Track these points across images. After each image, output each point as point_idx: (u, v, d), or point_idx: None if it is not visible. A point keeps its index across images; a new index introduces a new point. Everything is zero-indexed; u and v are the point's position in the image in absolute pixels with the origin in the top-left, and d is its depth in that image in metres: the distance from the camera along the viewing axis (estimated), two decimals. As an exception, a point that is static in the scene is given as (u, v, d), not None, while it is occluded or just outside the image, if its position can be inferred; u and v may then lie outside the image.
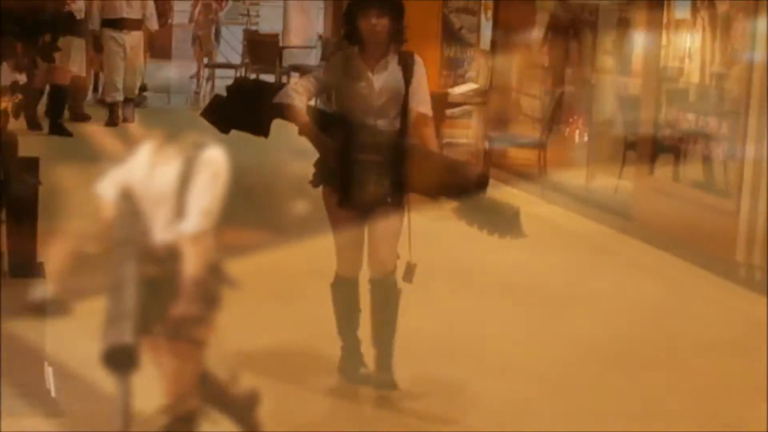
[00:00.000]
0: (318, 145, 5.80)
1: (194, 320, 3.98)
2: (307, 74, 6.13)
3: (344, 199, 5.76)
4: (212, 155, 4.03)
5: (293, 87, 5.88)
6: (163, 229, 4.01)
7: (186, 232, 3.95)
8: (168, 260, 3.96)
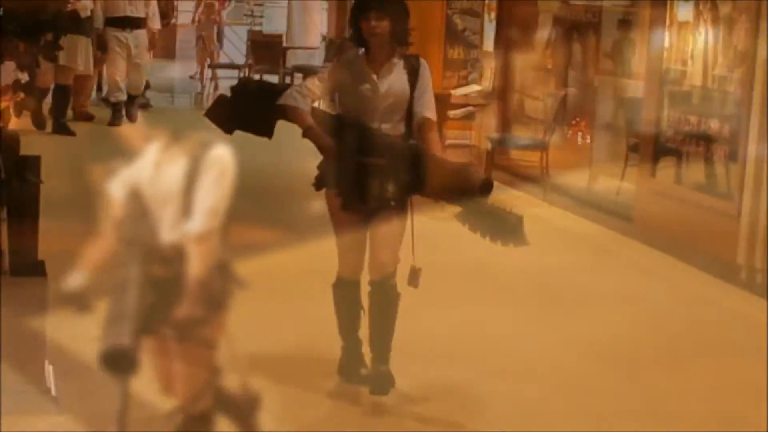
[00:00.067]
0: (322, 148, 5.79)
1: (199, 321, 3.95)
2: (312, 76, 6.05)
3: (347, 202, 5.74)
4: (219, 154, 3.99)
5: (297, 89, 5.86)
6: (170, 229, 3.96)
7: (191, 232, 3.91)
8: (175, 260, 3.92)
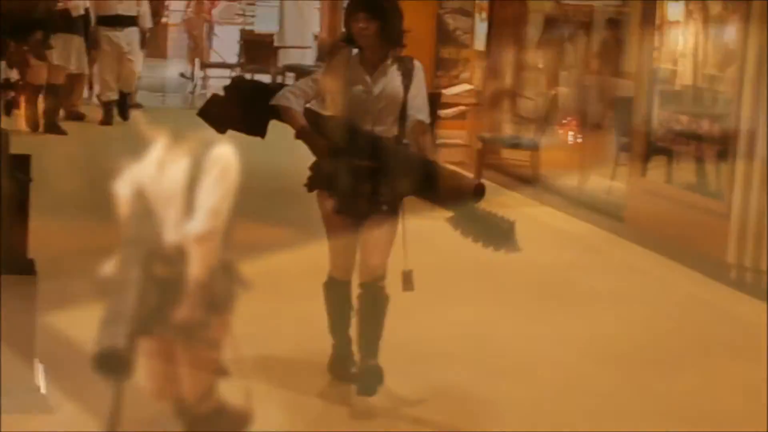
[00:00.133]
0: (314, 149, 5.75)
1: (200, 323, 3.90)
2: (306, 77, 6.00)
3: (339, 205, 5.70)
4: (221, 152, 3.94)
5: (291, 89, 5.83)
6: (173, 229, 3.91)
7: (192, 233, 3.86)
8: (177, 261, 3.87)
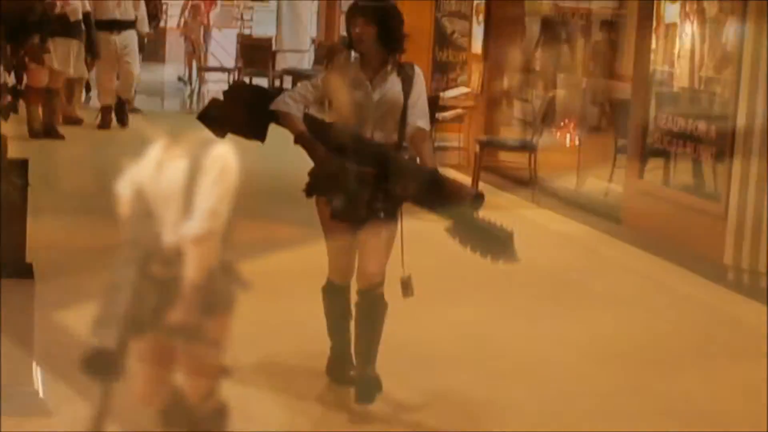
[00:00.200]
0: (313, 155, 5.72)
1: (196, 325, 3.86)
2: (305, 82, 5.95)
3: (337, 211, 5.66)
4: (220, 153, 3.90)
5: (290, 94, 5.81)
6: (172, 230, 3.88)
7: (189, 234, 3.82)
8: (175, 262, 3.83)
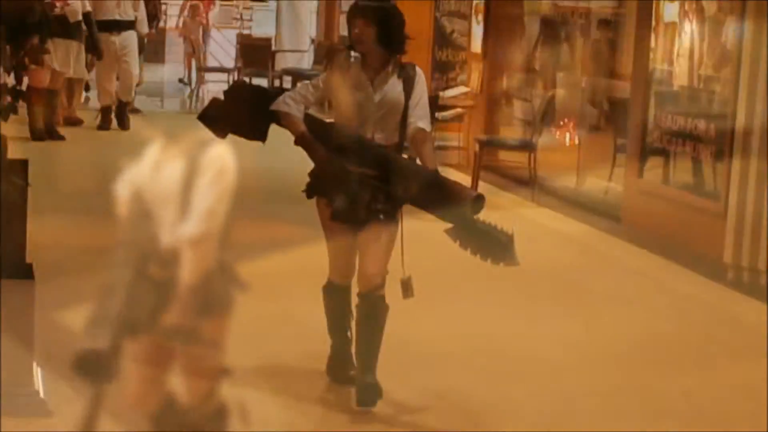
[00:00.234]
0: (313, 156, 5.71)
1: (191, 328, 3.81)
2: (306, 82, 5.94)
3: (337, 213, 5.64)
4: (217, 154, 3.84)
5: (291, 95, 5.79)
6: (169, 231, 3.82)
7: (185, 236, 3.77)
8: (172, 264, 3.79)
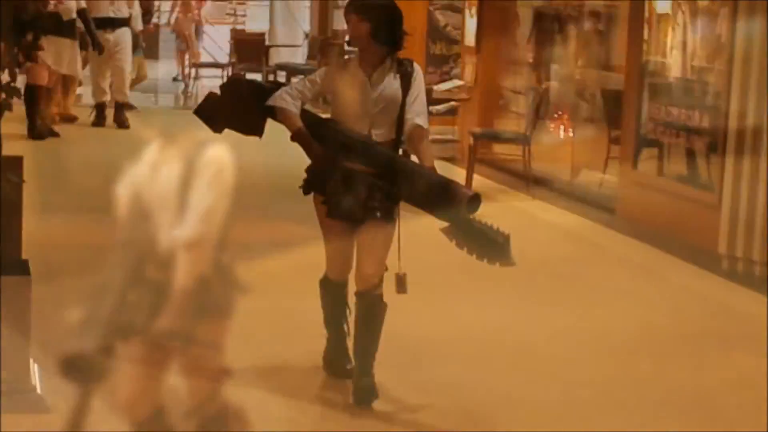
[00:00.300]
0: (310, 152, 5.67)
1: (190, 330, 3.78)
2: (303, 77, 5.88)
3: (333, 210, 5.63)
4: (215, 155, 3.79)
5: (288, 90, 5.74)
6: (166, 233, 3.79)
7: (181, 238, 3.73)
8: (168, 266, 3.75)
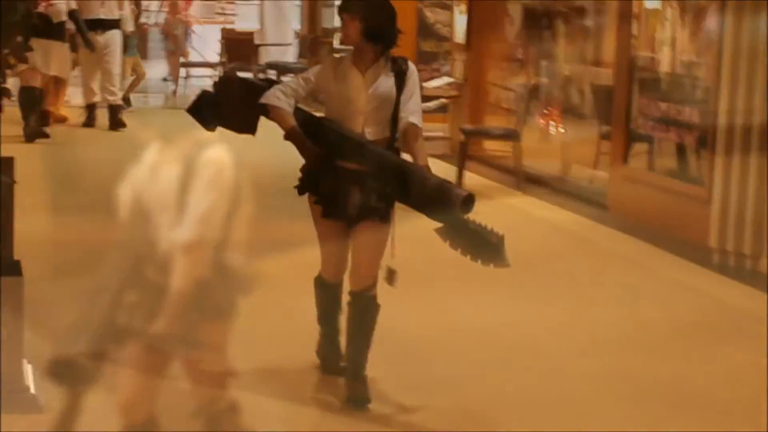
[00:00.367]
0: (303, 152, 5.61)
1: (189, 332, 3.77)
2: (297, 75, 5.82)
3: (328, 210, 5.59)
4: (214, 156, 3.76)
5: (281, 88, 5.66)
6: (165, 236, 3.75)
7: (179, 241, 3.69)
8: (165, 269, 3.72)
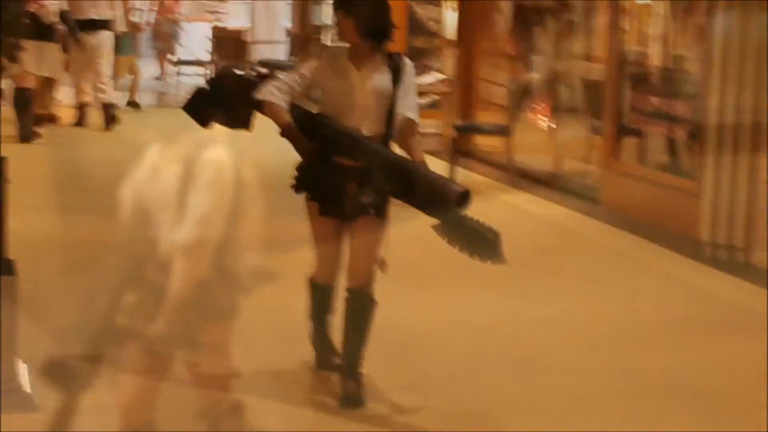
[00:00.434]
0: (299, 148, 5.56)
1: (190, 333, 3.78)
2: (293, 71, 5.71)
3: (324, 208, 5.56)
4: (214, 157, 3.74)
5: (276, 84, 5.59)
6: (164, 237, 3.74)
7: (178, 243, 3.69)
8: (165, 270, 3.72)
